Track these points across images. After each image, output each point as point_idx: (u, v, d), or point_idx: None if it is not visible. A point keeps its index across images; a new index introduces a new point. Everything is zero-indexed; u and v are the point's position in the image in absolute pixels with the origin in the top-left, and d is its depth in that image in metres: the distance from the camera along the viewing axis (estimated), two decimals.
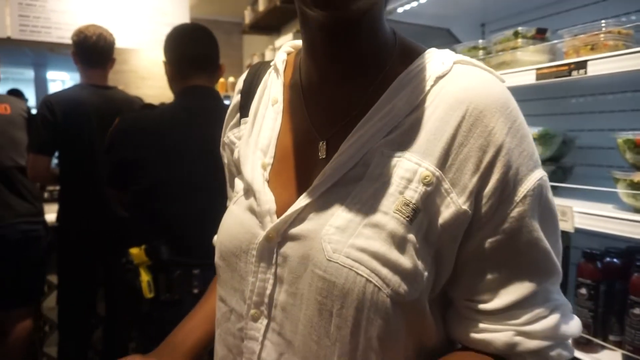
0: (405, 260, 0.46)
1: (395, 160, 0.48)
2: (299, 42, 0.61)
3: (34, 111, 2.37)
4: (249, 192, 0.56)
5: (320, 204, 0.50)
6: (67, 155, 2.10)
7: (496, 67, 1.38)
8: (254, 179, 0.55)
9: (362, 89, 0.53)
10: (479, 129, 0.47)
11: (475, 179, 0.47)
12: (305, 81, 0.58)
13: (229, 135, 0.66)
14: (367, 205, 0.47)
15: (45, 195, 2.96)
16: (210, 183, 1.26)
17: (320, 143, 0.53)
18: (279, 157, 0.56)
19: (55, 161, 2.18)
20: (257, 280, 0.52)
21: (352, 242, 0.46)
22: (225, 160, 0.69)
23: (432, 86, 0.50)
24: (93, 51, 2.10)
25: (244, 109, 0.64)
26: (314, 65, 0.55)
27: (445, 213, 0.47)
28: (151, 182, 1.35)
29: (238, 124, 0.65)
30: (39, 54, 5.10)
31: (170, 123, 1.38)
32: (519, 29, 1.32)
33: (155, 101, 1.92)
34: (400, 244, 0.46)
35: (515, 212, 0.48)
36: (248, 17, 3.91)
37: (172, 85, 1.50)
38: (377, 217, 0.47)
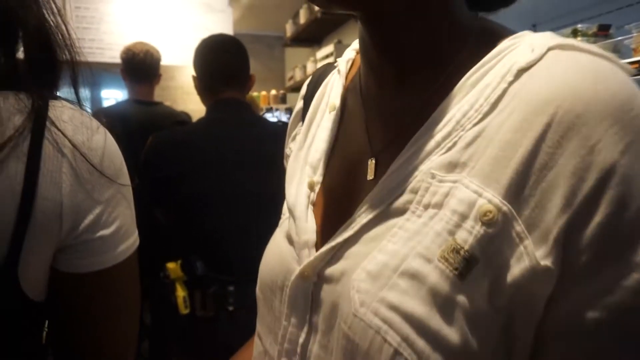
0: (452, 332, 0.32)
1: (448, 187, 0.35)
2: None
3: None
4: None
5: (358, 240, 0.39)
6: None
7: None
8: (297, 202, 0.46)
9: (419, 93, 0.41)
10: (573, 143, 0.30)
11: (564, 221, 0.30)
12: (364, 83, 0.47)
13: (290, 146, 0.58)
14: (407, 246, 0.35)
15: None
16: (246, 196, 1.23)
17: (370, 161, 0.43)
18: (331, 175, 0.47)
19: None
20: (289, 325, 0.43)
21: (384, 295, 0.34)
22: None
23: (510, 83, 0.35)
24: (140, 67, 2.17)
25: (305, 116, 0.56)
26: (367, 64, 0.46)
27: (516, 269, 0.31)
28: (185, 197, 1.34)
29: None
30: (94, 74, 5.41)
31: (202, 137, 1.38)
32: (579, 26, 1.22)
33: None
34: (444, 306, 0.32)
35: (631, 281, 0.29)
36: (289, 30, 3.96)
37: (202, 99, 1.49)
38: (417, 265, 0.34)
